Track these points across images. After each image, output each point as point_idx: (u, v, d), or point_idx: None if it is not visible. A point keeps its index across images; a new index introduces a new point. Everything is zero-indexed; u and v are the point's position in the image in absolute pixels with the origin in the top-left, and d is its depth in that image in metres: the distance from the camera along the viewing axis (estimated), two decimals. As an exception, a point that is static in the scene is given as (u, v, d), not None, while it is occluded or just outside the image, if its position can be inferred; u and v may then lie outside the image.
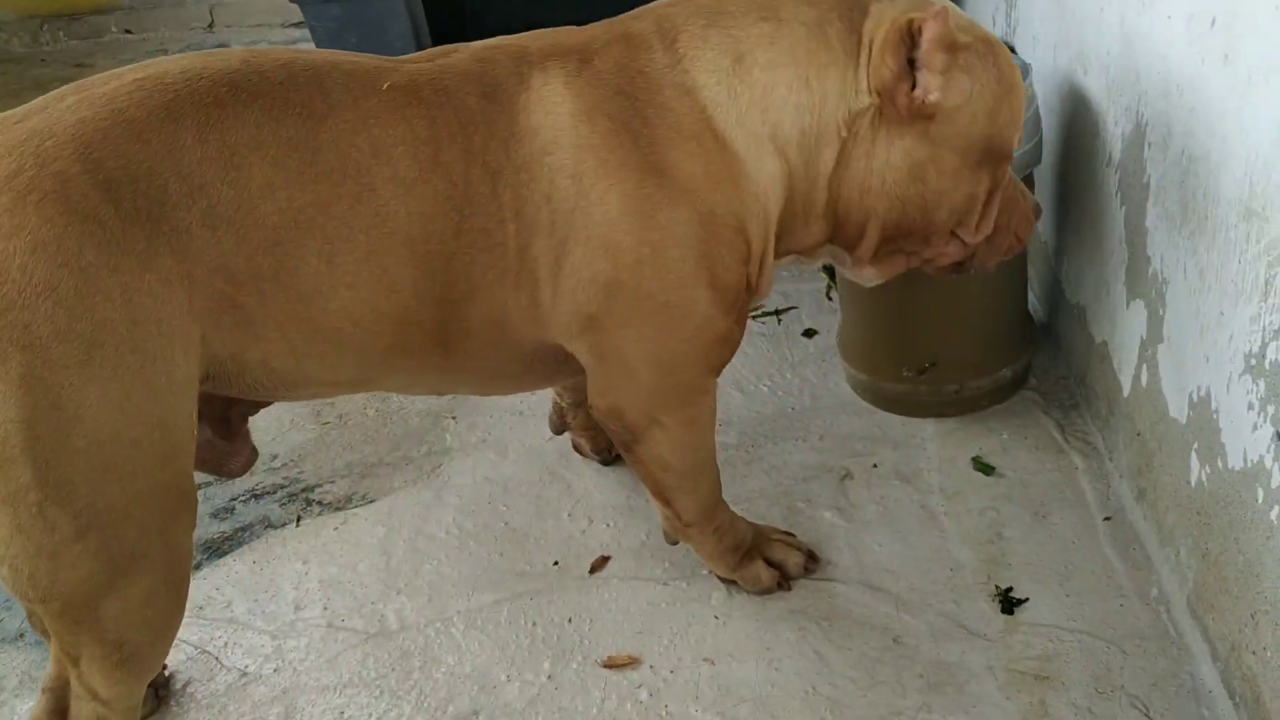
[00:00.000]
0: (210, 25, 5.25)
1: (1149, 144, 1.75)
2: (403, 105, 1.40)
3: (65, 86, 1.36)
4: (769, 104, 1.49)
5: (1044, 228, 2.42)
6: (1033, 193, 2.10)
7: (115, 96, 1.30)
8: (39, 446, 1.20)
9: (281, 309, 1.38)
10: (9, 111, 1.32)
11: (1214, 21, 1.49)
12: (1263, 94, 1.37)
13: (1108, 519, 1.91)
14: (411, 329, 1.46)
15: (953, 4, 1.55)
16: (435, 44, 3.09)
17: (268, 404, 1.65)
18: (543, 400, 2.36)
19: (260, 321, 1.37)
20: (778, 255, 1.65)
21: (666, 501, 1.75)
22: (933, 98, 1.47)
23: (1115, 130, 1.90)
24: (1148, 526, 1.83)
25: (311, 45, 3.09)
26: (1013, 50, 2.22)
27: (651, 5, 1.59)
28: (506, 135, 1.43)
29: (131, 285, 1.24)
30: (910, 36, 1.44)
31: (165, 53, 5.06)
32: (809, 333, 2.52)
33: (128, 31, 5.26)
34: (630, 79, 1.47)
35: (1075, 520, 1.92)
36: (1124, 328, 1.91)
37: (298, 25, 5.06)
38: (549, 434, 2.27)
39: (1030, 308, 2.33)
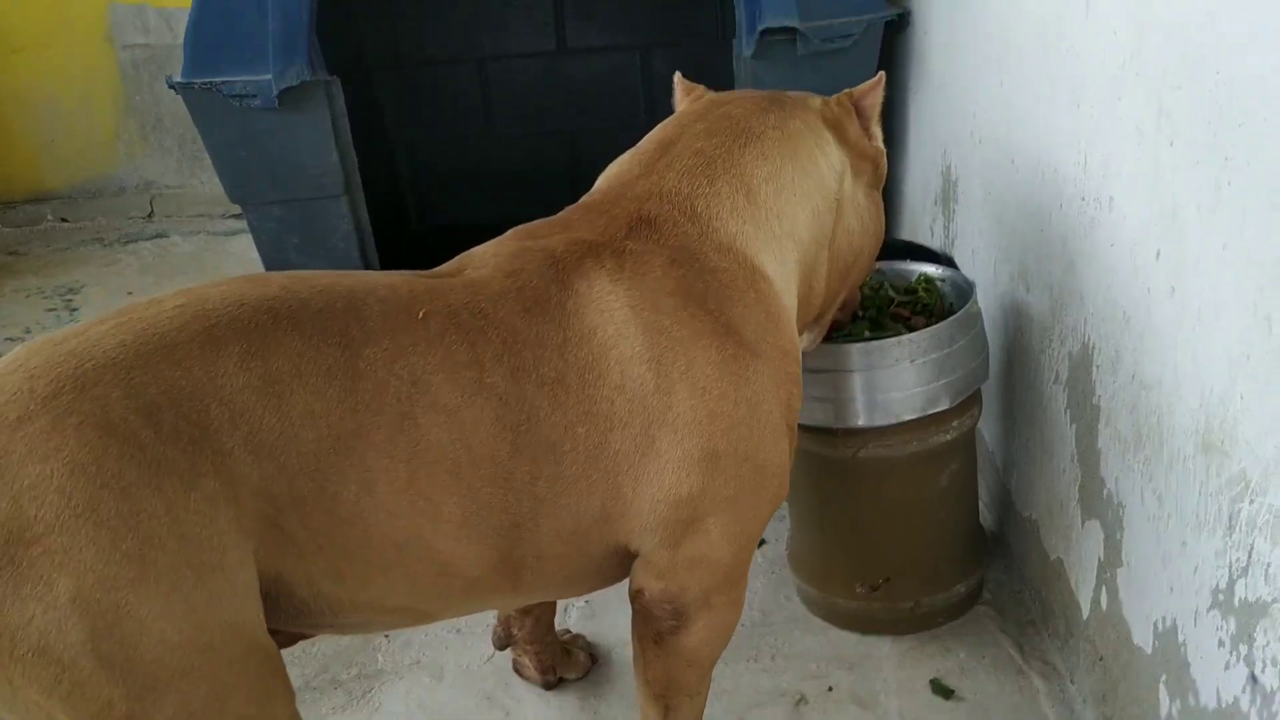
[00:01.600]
0: (150, 215, 5.25)
1: (1097, 366, 1.76)
2: (440, 333, 1.40)
3: (107, 312, 1.36)
4: (783, 210, 1.65)
5: (990, 438, 2.42)
6: (981, 410, 2.10)
7: (156, 321, 1.30)
8: (111, 664, 1.18)
9: (323, 531, 1.35)
10: (50, 334, 1.32)
11: (1159, 254, 1.51)
12: (1213, 329, 1.38)
13: (1073, 748, 1.84)
14: (465, 560, 1.43)
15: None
16: (379, 246, 3.10)
17: (307, 636, 1.56)
18: (483, 616, 2.26)
19: (303, 542, 1.34)
20: None
21: (667, 709, 1.67)
22: (879, 144, 1.82)
23: (1061, 349, 1.91)
24: (1116, 759, 1.76)
25: (252, 243, 3.06)
26: (952, 264, 2.26)
27: (624, 183, 1.66)
28: (560, 343, 1.45)
29: (177, 504, 1.22)
30: (854, 102, 1.80)
31: (101, 242, 5.03)
32: (759, 543, 2.45)
33: (64, 220, 5.24)
34: (675, 255, 1.54)
35: (1040, 750, 1.85)
36: (1079, 547, 1.88)
37: (237, 216, 5.07)
38: (489, 651, 2.16)
39: (980, 519, 2.30)
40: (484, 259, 1.55)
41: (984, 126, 2.30)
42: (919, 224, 2.92)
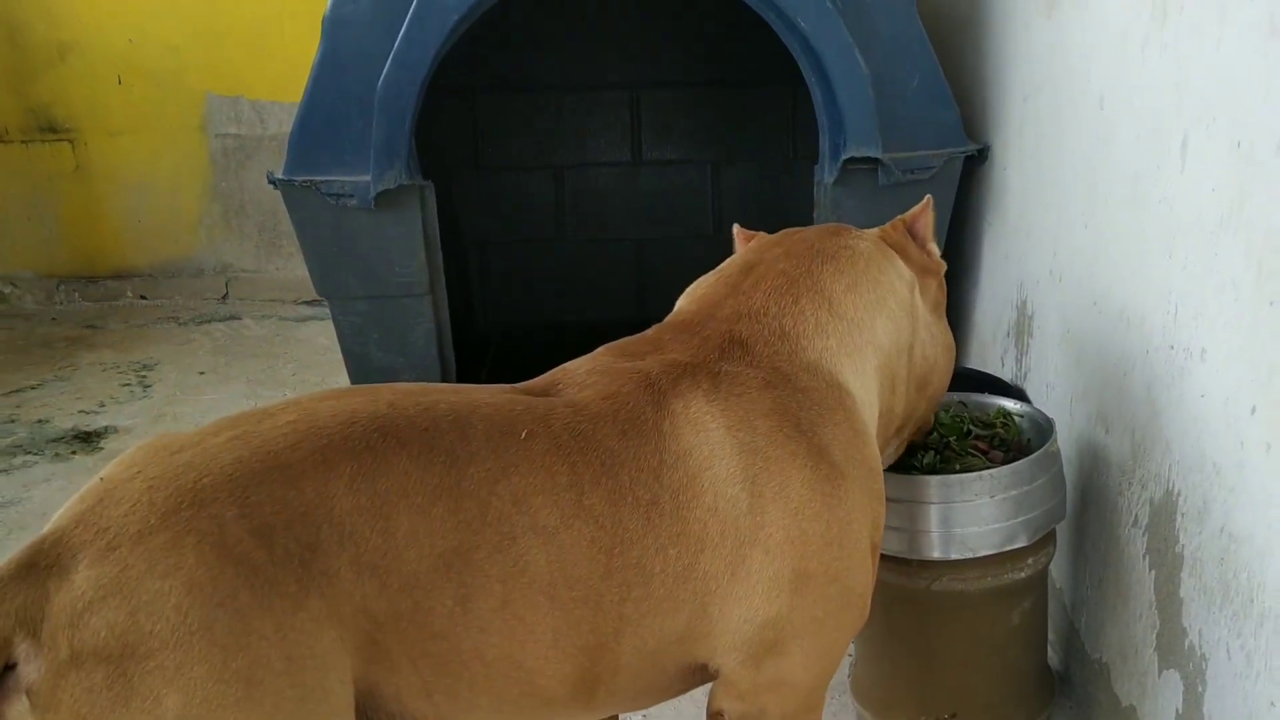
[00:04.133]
0: (224, 297, 5.39)
1: (1182, 514, 1.76)
2: (542, 453, 1.43)
3: (220, 420, 1.40)
4: (862, 319, 1.71)
5: (1059, 577, 2.40)
6: (1055, 549, 2.10)
7: (270, 438, 1.34)
8: None
9: (415, 645, 1.37)
10: (166, 439, 1.36)
11: (1254, 409, 1.52)
12: (1312, 489, 1.38)
13: None
14: (551, 679, 1.45)
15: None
16: (456, 348, 3.17)
17: None
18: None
19: (396, 656, 1.37)
20: None
21: None
22: (938, 256, 1.91)
23: (1142, 494, 1.91)
24: None
25: (334, 333, 3.14)
26: (1025, 398, 2.27)
27: (712, 303, 1.73)
28: (656, 465, 1.47)
29: (285, 625, 1.25)
30: (908, 226, 1.91)
31: (176, 321, 5.16)
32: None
33: (143, 297, 5.39)
34: (769, 377, 1.58)
35: None
36: (1156, 696, 1.86)
37: (308, 303, 5.20)
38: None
39: (1048, 658, 2.27)
40: (579, 377, 1.58)
41: (1065, 265, 2.34)
42: (988, 356, 2.94)
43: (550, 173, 4.49)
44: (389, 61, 2.70)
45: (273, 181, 2.88)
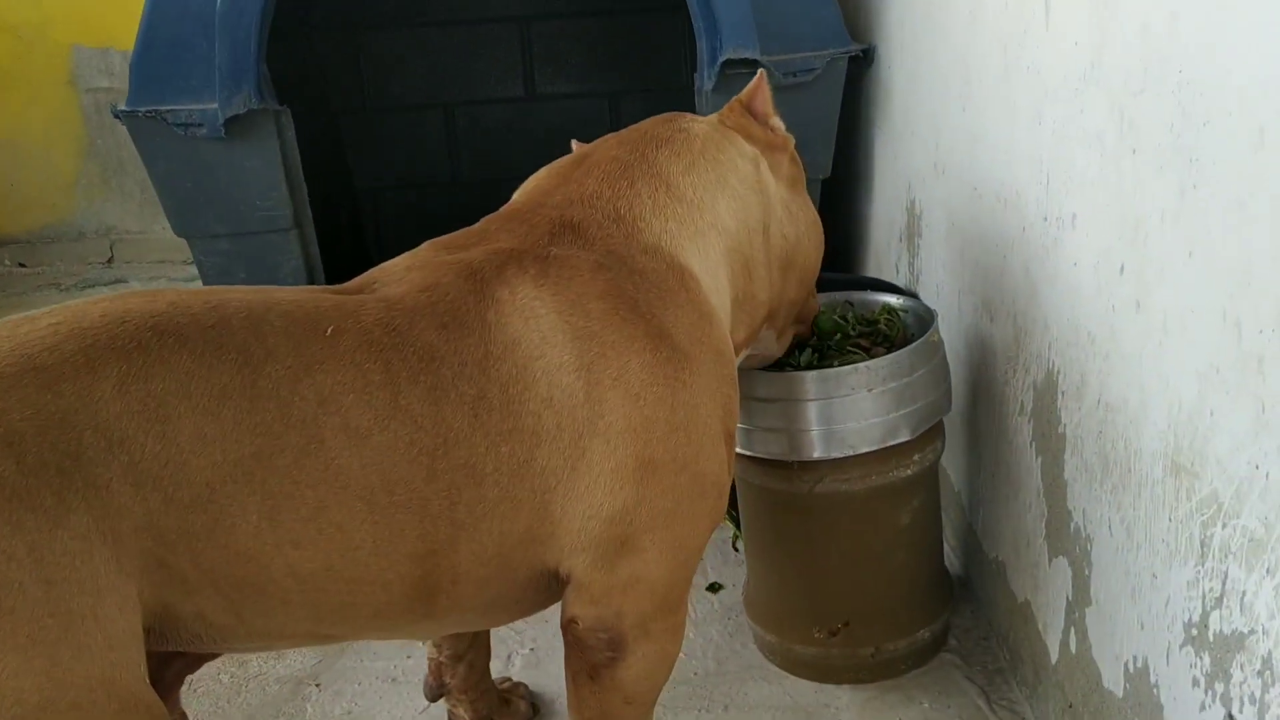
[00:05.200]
0: (109, 261, 5.15)
1: (1062, 392, 1.67)
2: (351, 350, 1.30)
3: None
4: (703, 199, 1.63)
5: (955, 477, 2.32)
6: (944, 445, 2.01)
7: (26, 342, 1.18)
8: None
9: (218, 568, 1.23)
10: None
11: (1122, 268, 1.43)
12: (1179, 341, 1.29)
13: (1043, 803, 1.72)
14: (377, 588, 1.32)
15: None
16: (329, 281, 3.00)
17: (211, 657, 1.47)
18: (421, 663, 2.13)
19: (194, 580, 1.23)
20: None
21: None
22: (784, 130, 1.83)
23: (1026, 379, 1.83)
24: (1088, 813, 1.65)
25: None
26: (915, 296, 2.18)
27: (543, 191, 1.64)
28: (481, 358, 1.36)
29: (40, 544, 1.09)
30: (745, 105, 1.81)
31: (58, 287, 4.93)
32: (714, 587, 2.35)
33: (21, 265, 5.13)
34: (602, 259, 1.48)
35: (1007, 805, 1.73)
36: (1047, 587, 1.78)
37: (199, 262, 4.98)
38: (424, 703, 2.03)
39: (946, 562, 2.20)
40: (397, 273, 1.46)
41: (947, 156, 2.24)
42: (884, 263, 2.84)
43: (440, 110, 4.32)
44: (228, -25, 2.52)
45: (116, 114, 2.69)
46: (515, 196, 1.68)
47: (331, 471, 1.25)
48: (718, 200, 1.65)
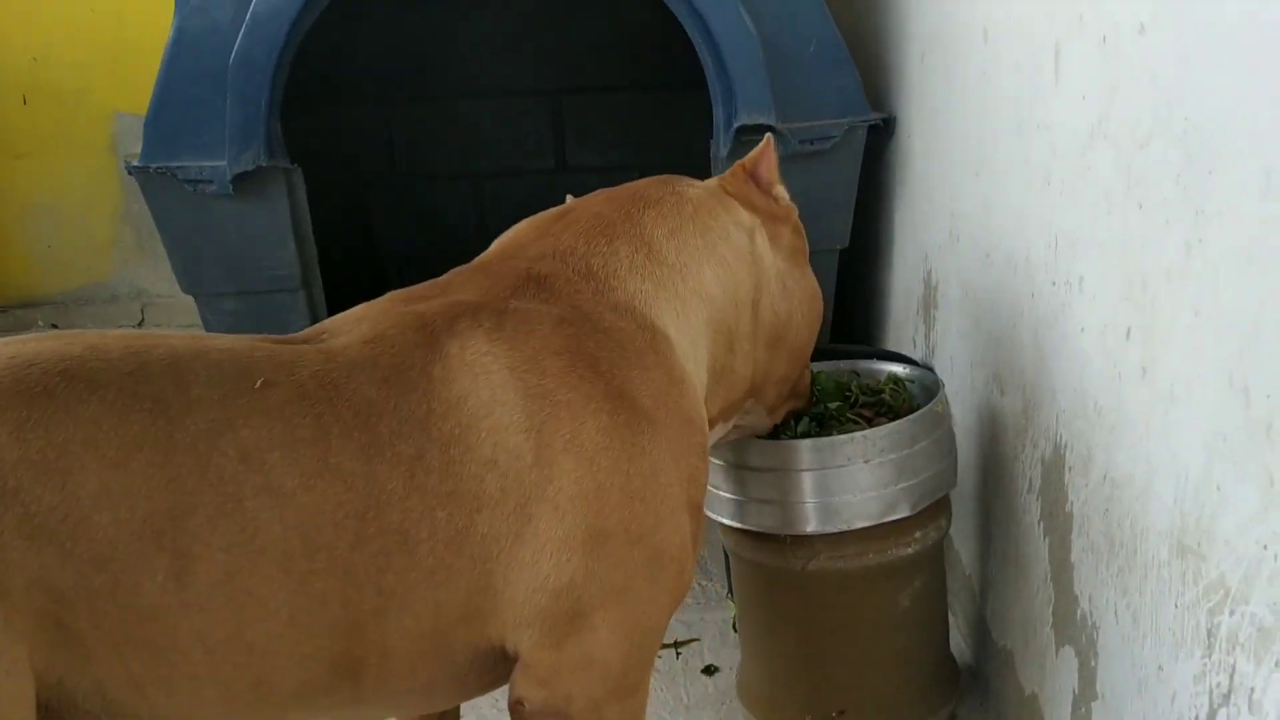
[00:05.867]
0: (140, 323, 5.16)
1: (1069, 468, 1.56)
2: (281, 404, 1.22)
3: None
4: (687, 264, 1.54)
5: (967, 559, 2.20)
6: (949, 523, 1.90)
7: None
8: None
9: (119, 631, 1.13)
10: None
11: (1129, 332, 1.34)
12: (1186, 409, 1.19)
13: None
14: (294, 663, 1.21)
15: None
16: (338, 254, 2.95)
17: None
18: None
19: (92, 644, 1.13)
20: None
21: None
22: (787, 200, 1.72)
23: (1034, 454, 1.72)
24: None
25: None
26: (930, 369, 2.08)
27: (518, 244, 1.56)
28: (423, 415, 1.26)
29: None
30: (748, 171, 1.71)
31: (85, 347, 4.94)
32: (709, 670, 2.22)
33: (54, 326, 5.15)
34: (565, 314, 1.39)
35: None
36: (1055, 678, 1.65)
37: (227, 327, 4.98)
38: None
39: (955, 650, 2.07)
40: (348, 324, 1.38)
41: (962, 223, 2.16)
42: (902, 336, 2.75)
43: (470, 182, 4.32)
44: (240, 34, 2.52)
45: (130, 170, 2.68)
46: (490, 248, 1.61)
47: (248, 534, 1.16)
48: (703, 268, 1.56)
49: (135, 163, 2.67)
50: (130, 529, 1.12)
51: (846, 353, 2.13)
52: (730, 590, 2.47)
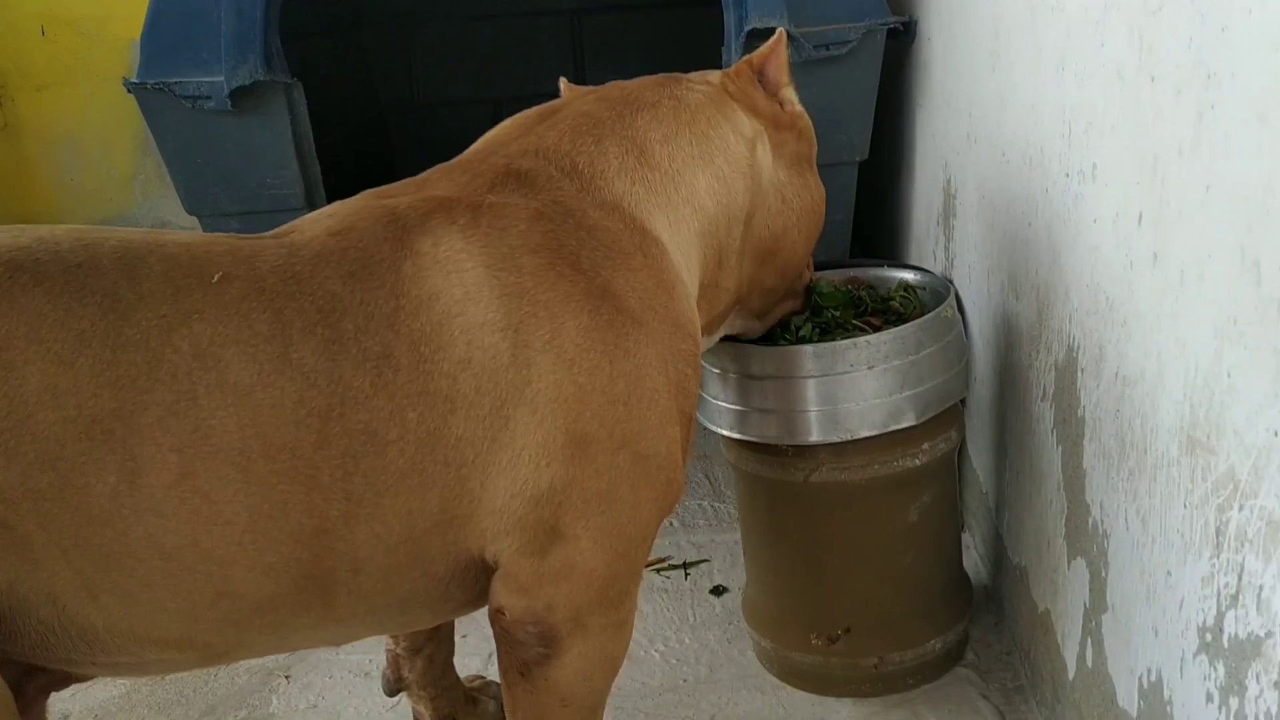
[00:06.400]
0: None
1: (1081, 370, 1.47)
2: (238, 299, 1.16)
3: None
4: (680, 172, 1.47)
5: (984, 476, 2.12)
6: (960, 435, 1.81)
7: None
8: None
9: (68, 533, 1.09)
10: None
11: (1140, 217, 1.24)
12: (1196, 292, 1.10)
13: (1056, 838, 1.51)
14: (257, 573, 1.16)
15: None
16: (357, 174, 2.90)
17: (81, 678, 1.29)
18: (394, 658, 2.00)
19: (41, 547, 1.09)
20: None
21: None
22: (797, 107, 1.64)
23: (1048, 358, 1.63)
24: None
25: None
26: (950, 282, 1.99)
27: (499, 142, 1.49)
28: (390, 311, 1.20)
29: None
30: (755, 70, 1.62)
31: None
32: (718, 590, 2.17)
33: (80, 260, 5.17)
34: (545, 209, 1.32)
35: (1015, 838, 1.52)
36: (1066, 593, 1.58)
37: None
38: (396, 699, 1.89)
39: (972, 569, 1.99)
40: (315, 220, 1.32)
41: (979, 124, 2.05)
42: (923, 249, 2.64)
43: (490, 106, 4.23)
44: (234, -61, 2.44)
45: (128, 87, 2.63)
46: (472, 146, 1.54)
47: (201, 433, 1.11)
48: (697, 178, 1.48)
49: (133, 79, 2.62)
50: (78, 428, 1.08)
51: (857, 263, 2.03)
52: (742, 511, 2.41)
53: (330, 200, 2.78)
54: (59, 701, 1.94)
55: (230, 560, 1.14)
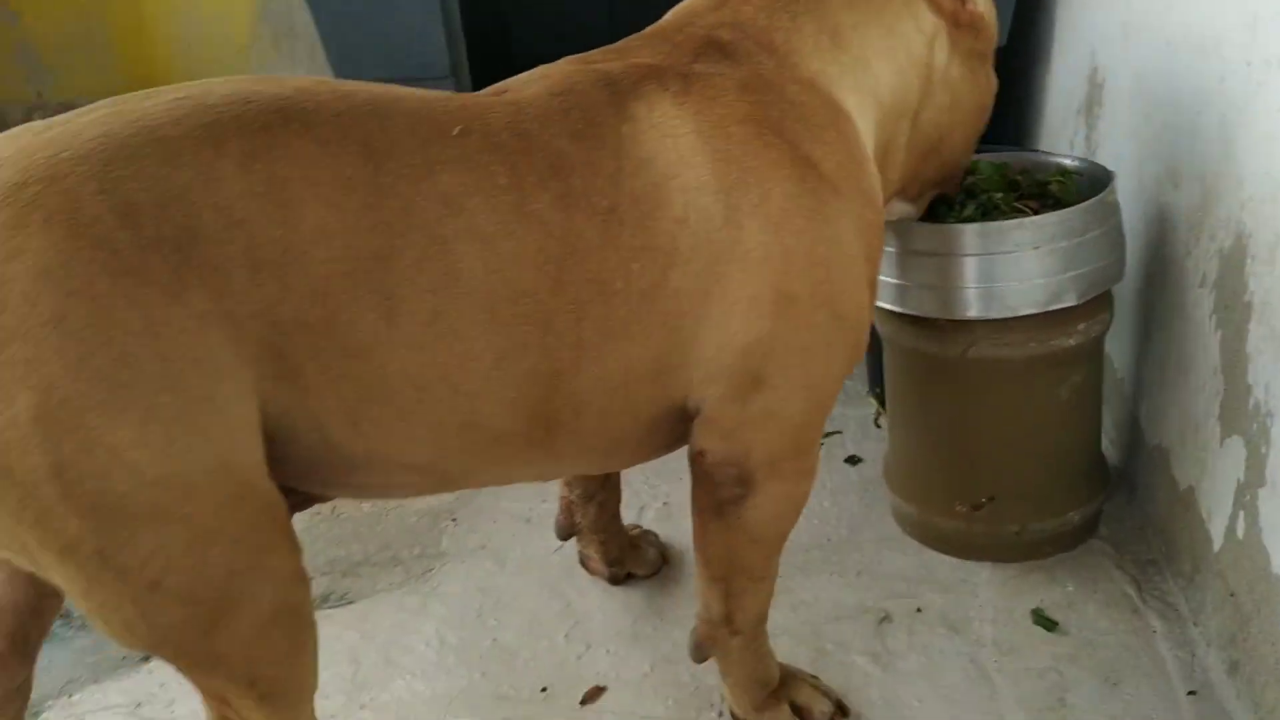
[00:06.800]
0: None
1: (1251, 257, 1.53)
2: (477, 152, 1.24)
3: (102, 100, 1.20)
4: (870, 62, 1.51)
5: (1120, 362, 2.19)
6: (1112, 318, 1.88)
7: (148, 114, 1.14)
8: (75, 495, 1.05)
9: (334, 364, 1.20)
10: (38, 122, 1.17)
11: (1339, 107, 1.29)
12: (1403, 182, 1.15)
13: (1192, 693, 1.62)
14: (497, 407, 1.28)
15: None
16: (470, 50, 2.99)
17: (321, 499, 1.42)
18: (554, 509, 2.14)
19: (311, 375, 1.19)
20: None
21: (729, 594, 1.52)
22: (980, 8, 1.63)
23: (1211, 246, 1.68)
24: (1242, 706, 1.55)
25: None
26: (1111, 171, 2.03)
27: (694, 13, 1.52)
28: (613, 171, 1.29)
29: (157, 319, 1.07)
30: None
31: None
32: (852, 460, 2.28)
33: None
34: (746, 85, 1.39)
35: (1153, 692, 1.63)
36: (1216, 470, 1.66)
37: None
38: (557, 544, 2.04)
39: (1103, 450, 2.08)
40: (529, 78, 1.39)
41: (1138, 15, 2.06)
42: (1058, 138, 2.67)
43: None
44: None
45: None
46: (662, 19, 1.60)
47: (452, 276, 1.21)
48: (881, 68, 1.52)
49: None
50: (344, 267, 1.16)
51: (1010, 149, 2.08)
52: (871, 388, 2.51)
53: (472, 70, 2.87)
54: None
55: (476, 395, 1.25)
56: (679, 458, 1.48)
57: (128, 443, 1.05)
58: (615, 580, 1.95)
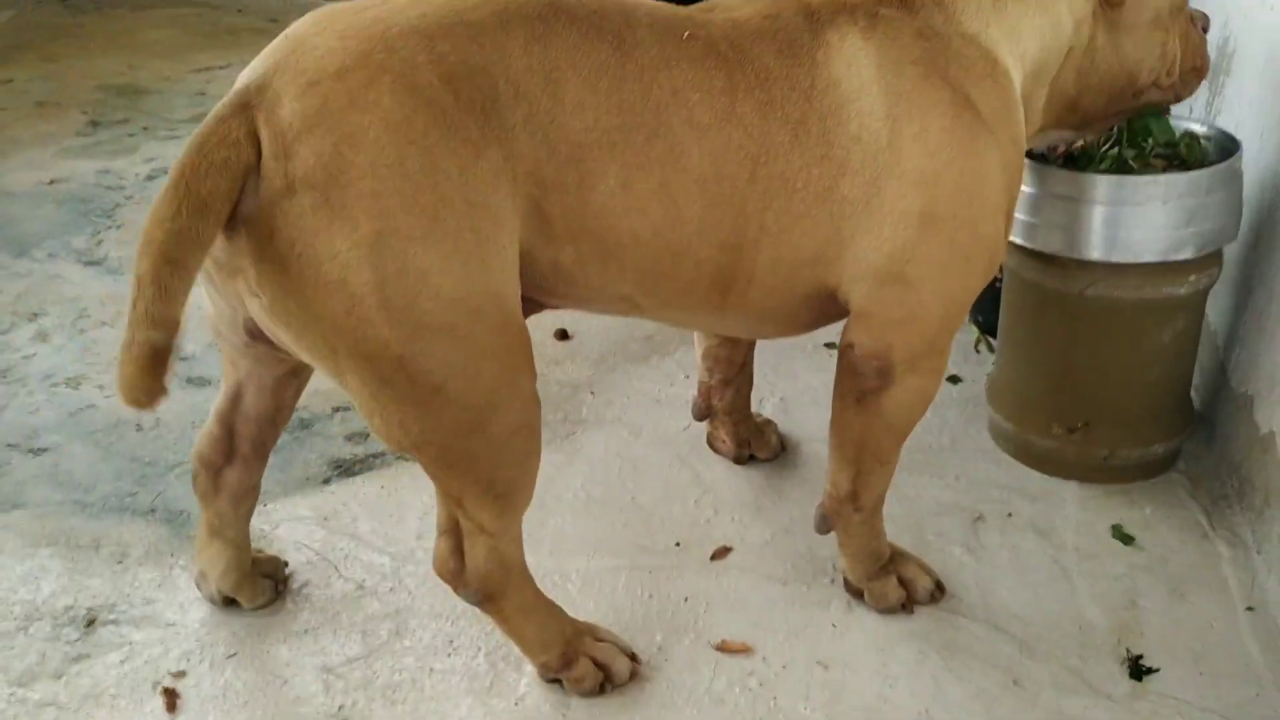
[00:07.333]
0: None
1: (1364, 230, 1.71)
2: (701, 56, 1.50)
3: None
4: (1020, 32, 1.66)
5: (1216, 316, 2.37)
6: (1219, 274, 2.06)
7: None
8: (391, 306, 1.32)
9: (577, 223, 1.46)
10: (343, 4, 1.42)
11: None
12: None
13: (1250, 609, 1.84)
14: (691, 264, 1.54)
15: None
16: None
17: (550, 308, 1.66)
18: (682, 391, 2.37)
19: (557, 227, 1.46)
20: None
21: (858, 474, 1.75)
22: None
23: (1324, 217, 1.85)
24: (1295, 621, 1.77)
25: None
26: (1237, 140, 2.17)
27: None
28: (807, 87, 1.53)
29: (467, 169, 1.34)
30: None
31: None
32: (954, 379, 2.49)
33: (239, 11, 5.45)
34: (920, 32, 1.59)
35: (1215, 604, 1.86)
36: (1300, 417, 1.85)
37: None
38: (686, 423, 2.27)
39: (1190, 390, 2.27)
40: (741, 2, 1.61)
41: (1281, -8, 2.20)
42: (1178, 106, 2.80)
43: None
44: None
45: None
46: None
47: (675, 154, 1.46)
48: (1031, 38, 1.67)
49: None
50: (594, 137, 1.43)
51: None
52: (973, 316, 2.71)
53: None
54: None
55: (679, 252, 1.52)
56: (794, 358, 1.71)
57: (435, 269, 1.33)
58: (740, 460, 2.19)
